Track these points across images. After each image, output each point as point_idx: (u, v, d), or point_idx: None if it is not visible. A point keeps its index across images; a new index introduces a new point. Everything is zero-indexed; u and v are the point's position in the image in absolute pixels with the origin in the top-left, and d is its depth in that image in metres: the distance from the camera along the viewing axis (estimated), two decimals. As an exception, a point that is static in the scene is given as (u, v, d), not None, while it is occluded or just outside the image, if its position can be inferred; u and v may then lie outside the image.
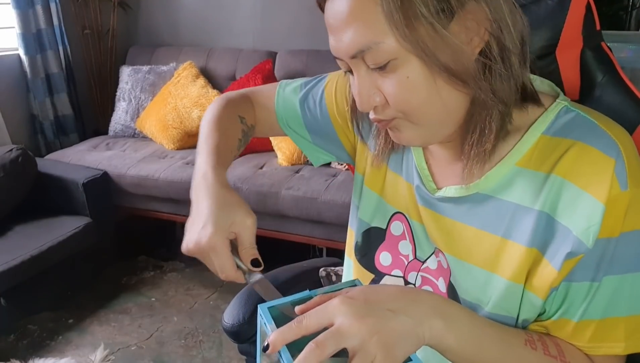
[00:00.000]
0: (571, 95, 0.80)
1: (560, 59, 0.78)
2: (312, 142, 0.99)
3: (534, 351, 0.65)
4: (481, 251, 0.71)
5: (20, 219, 2.44)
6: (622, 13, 3.42)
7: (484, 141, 0.67)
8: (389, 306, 0.59)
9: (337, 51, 0.66)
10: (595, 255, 0.63)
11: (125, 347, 2.21)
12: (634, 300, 0.65)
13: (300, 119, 0.96)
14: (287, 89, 0.98)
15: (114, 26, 3.38)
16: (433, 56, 0.60)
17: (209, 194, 0.72)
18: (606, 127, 0.65)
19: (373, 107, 0.67)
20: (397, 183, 0.84)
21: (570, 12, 0.75)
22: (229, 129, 0.89)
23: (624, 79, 0.77)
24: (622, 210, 0.61)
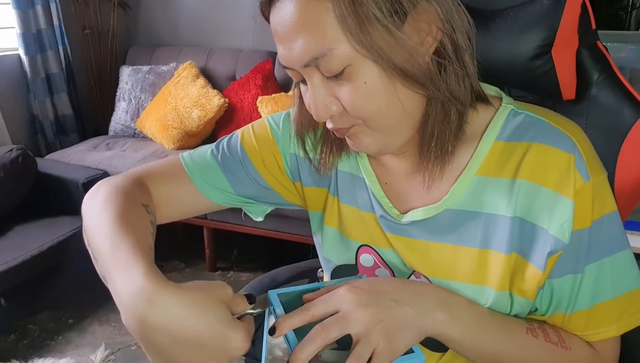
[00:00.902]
0: (567, 94, 0.80)
1: (556, 59, 0.78)
2: (244, 198, 0.87)
3: (535, 339, 0.66)
4: (462, 267, 0.70)
5: (20, 219, 2.44)
6: (622, 13, 3.41)
7: (444, 142, 0.66)
8: (393, 297, 0.60)
9: (288, 60, 0.63)
10: (572, 248, 0.65)
11: (125, 346, 2.21)
12: (615, 281, 0.66)
13: (223, 178, 0.84)
14: (194, 155, 0.85)
15: (114, 26, 3.39)
16: (389, 59, 0.59)
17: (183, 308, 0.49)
18: (557, 123, 0.66)
19: (330, 116, 0.65)
20: (353, 215, 0.80)
21: (566, 12, 0.75)
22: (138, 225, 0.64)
23: (620, 77, 0.78)
24: (589, 200, 0.63)
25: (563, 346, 0.67)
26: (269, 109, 2.74)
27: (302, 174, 0.85)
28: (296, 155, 0.84)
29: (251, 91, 2.88)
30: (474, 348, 0.64)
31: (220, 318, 0.50)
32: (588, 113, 0.77)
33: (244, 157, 0.84)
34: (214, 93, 2.92)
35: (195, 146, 2.95)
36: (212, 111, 2.86)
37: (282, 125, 0.85)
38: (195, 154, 0.86)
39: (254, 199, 0.88)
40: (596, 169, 0.65)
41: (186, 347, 0.50)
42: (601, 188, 0.65)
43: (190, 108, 2.89)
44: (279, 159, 0.85)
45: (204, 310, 0.50)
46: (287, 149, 0.84)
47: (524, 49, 0.79)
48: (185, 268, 2.82)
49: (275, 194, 0.88)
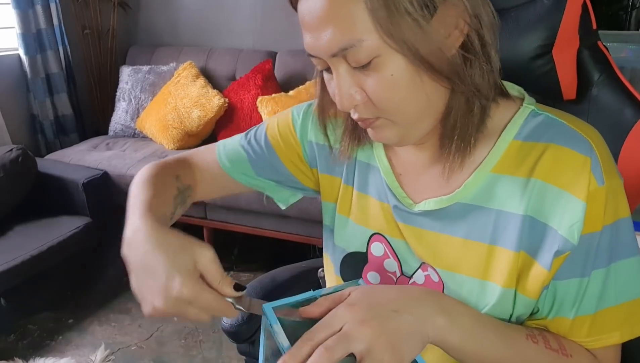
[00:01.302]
0: (568, 94, 0.80)
1: (557, 59, 0.78)
2: (270, 180, 0.94)
3: (536, 345, 0.65)
4: (470, 261, 0.71)
5: (20, 219, 2.44)
6: (622, 13, 3.42)
7: (465, 134, 0.67)
8: (392, 307, 0.59)
9: (315, 49, 0.64)
10: (581, 251, 0.64)
11: (125, 346, 2.21)
12: (620, 287, 0.66)
13: (249, 167, 0.92)
14: (227, 146, 0.94)
15: (114, 26, 3.39)
16: (417, 52, 0.59)
17: (153, 243, 0.63)
18: (576, 126, 0.66)
19: (354, 106, 0.66)
20: (367, 203, 0.82)
21: (567, 12, 0.75)
22: (161, 186, 0.79)
23: (621, 78, 0.78)
24: (602, 204, 0.63)
25: (564, 353, 0.66)
26: (268, 109, 2.74)
27: (319, 161, 0.88)
28: (313, 143, 0.88)
29: (251, 91, 2.88)
30: (474, 354, 0.63)
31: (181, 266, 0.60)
32: (588, 113, 0.77)
33: (269, 148, 0.90)
34: (214, 93, 2.92)
35: (195, 146, 2.96)
36: (212, 111, 2.86)
37: (303, 115, 0.89)
38: (228, 147, 0.94)
39: (275, 184, 0.94)
40: (611, 174, 0.64)
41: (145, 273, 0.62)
42: (615, 193, 0.64)
43: (190, 108, 2.89)
44: (298, 147, 0.89)
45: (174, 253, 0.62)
46: (305, 138, 0.89)
47: (524, 49, 0.79)
48: (185, 268, 2.81)
49: (296, 180, 0.93)
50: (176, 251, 0.62)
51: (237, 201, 2.50)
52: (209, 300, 0.60)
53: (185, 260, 0.61)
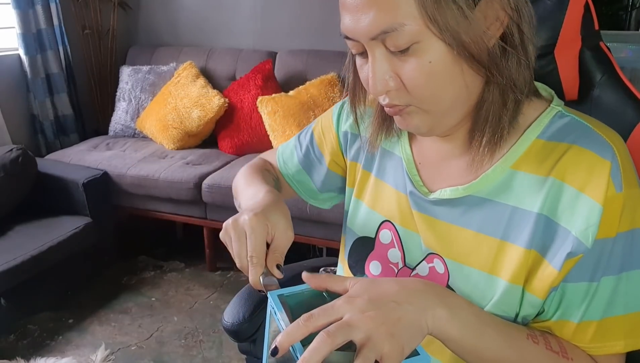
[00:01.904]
0: (570, 95, 0.80)
1: (559, 59, 0.78)
2: (315, 186, 1.01)
3: (536, 345, 0.65)
4: (480, 254, 0.71)
5: (20, 219, 2.44)
6: (622, 13, 3.41)
7: (497, 127, 0.67)
8: (392, 298, 0.59)
9: (354, 31, 0.63)
10: (593, 255, 0.64)
11: (125, 346, 2.21)
12: (630, 298, 0.65)
13: (300, 167, 1.00)
14: (284, 146, 1.04)
15: (114, 26, 3.38)
16: (459, 39, 0.60)
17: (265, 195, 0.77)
18: (601, 131, 0.66)
19: (386, 91, 0.66)
20: (383, 190, 0.84)
21: (569, 12, 0.75)
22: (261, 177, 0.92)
23: (623, 78, 0.77)
24: (618, 211, 0.63)
25: (564, 356, 0.66)
26: (268, 109, 2.74)
27: (349, 149, 0.92)
28: (348, 132, 0.92)
29: (251, 91, 2.88)
30: (473, 349, 0.63)
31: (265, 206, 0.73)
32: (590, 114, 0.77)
33: (314, 147, 0.98)
34: (214, 93, 2.92)
35: (195, 146, 2.96)
36: (212, 111, 2.86)
37: (339, 107, 0.95)
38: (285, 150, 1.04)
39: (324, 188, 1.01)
40: (631, 183, 0.64)
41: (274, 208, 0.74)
42: (633, 202, 0.64)
43: (190, 108, 2.89)
44: (334, 137, 0.95)
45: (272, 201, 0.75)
46: (341, 127, 0.94)
47: (526, 50, 0.78)
48: (185, 268, 2.82)
49: (338, 177, 0.98)
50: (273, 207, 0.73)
51: (237, 201, 2.49)
52: (256, 242, 0.69)
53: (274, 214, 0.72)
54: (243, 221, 0.70)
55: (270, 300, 0.64)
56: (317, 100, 2.73)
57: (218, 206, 2.58)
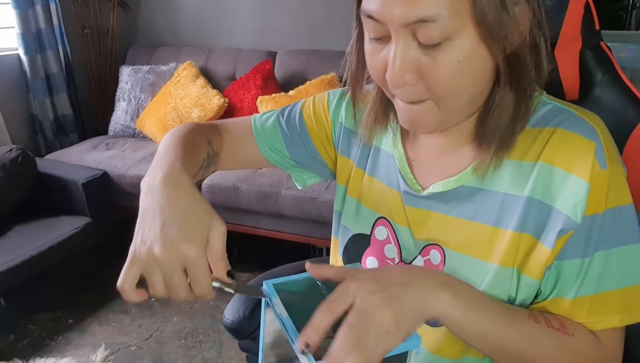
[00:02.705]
0: (570, 95, 0.80)
1: (559, 59, 0.78)
2: (295, 162, 0.96)
3: (537, 324, 0.66)
4: (475, 242, 0.73)
5: (20, 219, 2.44)
6: (622, 13, 3.41)
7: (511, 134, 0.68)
8: (398, 281, 0.60)
9: (386, 14, 0.59)
10: (583, 231, 0.66)
11: (125, 347, 2.21)
12: (622, 273, 0.67)
13: (281, 141, 0.94)
14: (263, 117, 0.96)
15: (114, 26, 3.38)
16: (500, 42, 0.60)
17: (182, 192, 0.63)
18: (583, 114, 0.69)
19: (403, 83, 0.63)
20: (376, 188, 0.85)
21: (569, 12, 0.75)
22: (193, 146, 0.78)
23: (623, 78, 0.78)
24: (604, 187, 0.65)
25: (565, 332, 0.67)
26: (268, 109, 2.73)
27: (342, 142, 0.90)
28: (343, 124, 0.90)
29: (251, 91, 2.88)
30: (476, 331, 0.63)
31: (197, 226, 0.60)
32: (591, 114, 0.77)
33: (301, 123, 0.93)
34: (214, 93, 2.92)
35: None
36: (212, 111, 2.86)
37: (338, 97, 0.92)
38: (263, 118, 0.95)
39: (301, 164, 0.96)
40: (614, 161, 0.66)
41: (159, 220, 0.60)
42: (618, 179, 0.66)
43: (190, 108, 2.89)
44: (328, 125, 0.92)
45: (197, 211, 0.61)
46: (337, 118, 0.91)
47: (527, 49, 0.79)
48: (185, 268, 2.81)
49: (320, 159, 0.95)
50: (200, 212, 0.61)
51: (237, 201, 2.50)
52: (200, 271, 0.59)
53: (204, 224, 0.60)
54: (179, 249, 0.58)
55: (265, 289, 0.64)
56: (317, 100, 2.73)
57: (218, 206, 2.58)
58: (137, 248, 0.60)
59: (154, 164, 0.69)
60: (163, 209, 0.61)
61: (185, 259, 0.58)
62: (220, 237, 0.62)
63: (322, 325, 0.56)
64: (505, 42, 0.60)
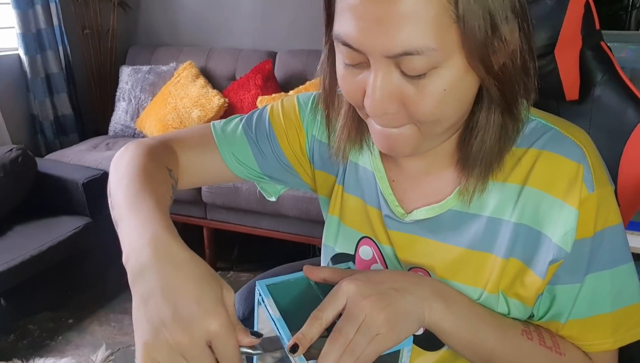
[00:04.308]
0: (570, 95, 0.80)
1: (559, 59, 0.78)
2: (266, 177, 0.88)
3: (530, 341, 0.65)
4: (462, 268, 0.70)
5: (20, 219, 2.44)
6: (622, 13, 3.41)
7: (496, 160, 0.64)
8: (392, 285, 0.60)
9: (365, 44, 0.54)
10: (574, 257, 0.65)
11: (125, 347, 2.21)
12: (615, 294, 0.66)
13: (250, 154, 0.85)
14: (227, 128, 0.85)
15: (114, 26, 3.38)
16: (492, 67, 0.56)
17: (180, 264, 0.53)
18: (568, 133, 0.66)
19: (383, 113, 0.58)
20: (358, 206, 0.80)
21: (569, 12, 0.75)
22: (160, 184, 0.69)
23: (624, 78, 0.78)
24: (593, 210, 0.63)
25: (557, 351, 0.66)
26: (269, 109, 2.74)
27: (316, 157, 0.84)
28: (316, 138, 0.84)
29: (251, 91, 2.88)
30: (467, 343, 0.63)
31: (212, 296, 0.51)
32: (591, 114, 0.77)
33: (271, 132, 0.84)
34: (214, 93, 2.92)
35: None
36: (212, 111, 2.85)
37: (310, 105, 0.83)
38: (226, 125, 0.86)
39: (273, 178, 0.89)
40: (602, 181, 0.65)
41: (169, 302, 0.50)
42: (606, 200, 0.65)
43: (190, 108, 2.89)
44: (301, 137, 0.84)
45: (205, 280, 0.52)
46: (310, 130, 0.84)
47: (527, 49, 0.78)
48: (185, 268, 2.81)
49: (294, 173, 0.87)
50: (208, 279, 0.53)
51: (237, 201, 2.50)
52: (233, 343, 0.52)
53: (216, 290, 0.52)
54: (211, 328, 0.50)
55: (257, 289, 0.64)
56: (317, 100, 2.73)
57: (218, 206, 2.58)
58: (149, 342, 0.50)
59: (128, 230, 0.59)
60: (170, 290, 0.51)
61: (210, 335, 0.50)
62: (232, 301, 0.54)
63: (310, 334, 0.55)
64: (494, 64, 0.56)
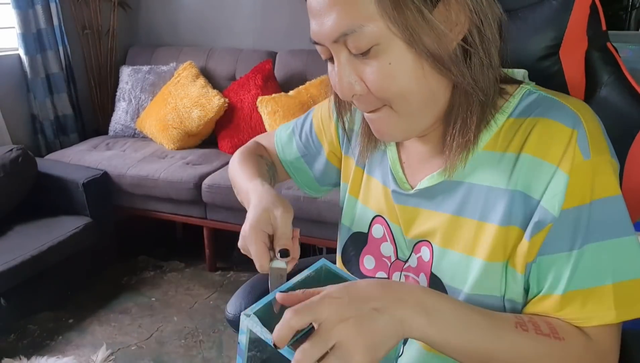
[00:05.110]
0: (575, 95, 0.80)
1: (564, 60, 0.78)
2: (314, 176, 1.03)
3: (526, 332, 0.64)
4: (461, 237, 0.73)
5: (20, 219, 2.44)
6: (622, 13, 3.41)
7: (466, 131, 0.68)
8: (373, 305, 0.58)
9: (319, 35, 0.66)
10: (566, 224, 0.64)
11: (125, 346, 2.21)
12: (618, 266, 0.64)
13: (298, 155, 1.01)
14: (283, 131, 1.04)
15: (114, 26, 3.38)
16: (419, 39, 0.61)
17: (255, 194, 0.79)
18: (566, 101, 0.67)
19: (352, 95, 0.68)
20: (374, 186, 0.87)
21: (574, 12, 0.75)
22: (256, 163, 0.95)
23: (630, 79, 0.77)
24: (588, 178, 0.63)
25: (556, 337, 0.64)
26: (268, 109, 2.73)
27: (345, 142, 0.94)
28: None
29: (251, 91, 2.87)
30: (460, 349, 0.62)
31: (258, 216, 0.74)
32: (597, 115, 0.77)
33: (311, 130, 0.99)
34: (214, 93, 2.92)
35: (195, 146, 2.96)
36: (212, 111, 2.85)
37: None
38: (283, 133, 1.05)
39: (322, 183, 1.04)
40: (600, 149, 0.64)
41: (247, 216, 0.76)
42: (605, 169, 0.64)
43: (190, 108, 2.89)
44: (333, 130, 0.96)
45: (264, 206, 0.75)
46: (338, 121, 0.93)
47: (532, 50, 0.79)
48: (185, 268, 2.81)
49: (335, 169, 0.99)
50: (264, 203, 0.75)
51: (237, 201, 2.49)
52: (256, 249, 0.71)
53: (265, 212, 0.74)
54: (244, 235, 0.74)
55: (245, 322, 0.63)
56: (317, 100, 2.73)
57: (218, 206, 2.58)
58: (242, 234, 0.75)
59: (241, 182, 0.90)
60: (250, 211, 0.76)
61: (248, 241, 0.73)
62: (281, 222, 0.73)
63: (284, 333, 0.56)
64: (436, 45, 0.62)
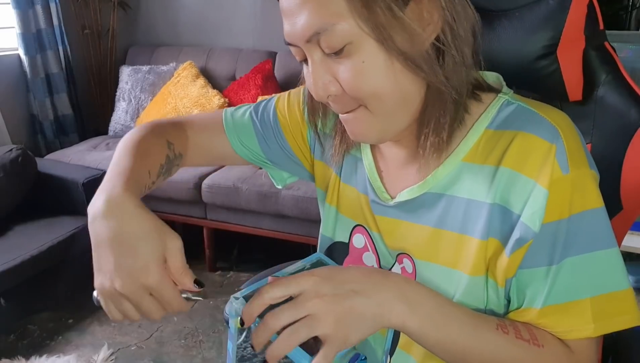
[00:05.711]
0: (573, 95, 0.80)
1: (562, 59, 0.78)
2: (270, 162, 0.95)
3: (506, 335, 0.64)
4: (442, 250, 0.72)
5: (20, 219, 2.44)
6: (622, 13, 3.41)
7: (439, 130, 0.68)
8: (353, 286, 0.60)
9: (292, 35, 0.64)
10: (546, 239, 0.64)
11: (125, 347, 2.21)
12: (596, 279, 0.64)
13: (254, 140, 0.92)
14: (236, 113, 0.93)
15: (114, 26, 3.38)
16: (390, 38, 0.61)
17: (129, 221, 0.61)
18: (545, 114, 0.67)
19: (327, 95, 0.66)
20: (352, 195, 0.84)
21: (571, 12, 0.75)
22: (148, 152, 0.77)
23: (627, 79, 0.77)
24: (567, 193, 0.63)
25: (535, 343, 0.64)
26: (269, 109, 2.74)
27: (317, 147, 0.89)
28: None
29: (251, 91, 2.87)
30: (438, 342, 0.62)
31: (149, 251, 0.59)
32: (595, 115, 0.76)
33: (275, 123, 0.91)
34: (214, 93, 2.92)
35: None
36: (212, 111, 2.85)
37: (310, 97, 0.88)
38: (236, 113, 0.93)
39: (277, 164, 0.95)
40: (579, 163, 0.64)
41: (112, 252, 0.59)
42: (583, 183, 0.64)
43: (190, 108, 2.89)
44: (303, 129, 0.90)
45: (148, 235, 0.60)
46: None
47: (529, 49, 0.78)
48: (185, 268, 2.81)
49: (298, 161, 0.93)
50: (150, 234, 0.60)
51: (237, 201, 2.50)
52: (170, 292, 0.61)
53: (156, 246, 0.60)
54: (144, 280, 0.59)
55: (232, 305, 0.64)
56: (317, 100, 2.73)
57: (218, 206, 2.58)
58: (101, 283, 0.61)
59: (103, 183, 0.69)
60: (112, 242, 0.60)
61: (147, 287, 0.59)
62: (176, 253, 0.61)
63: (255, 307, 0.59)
64: (407, 44, 0.62)
